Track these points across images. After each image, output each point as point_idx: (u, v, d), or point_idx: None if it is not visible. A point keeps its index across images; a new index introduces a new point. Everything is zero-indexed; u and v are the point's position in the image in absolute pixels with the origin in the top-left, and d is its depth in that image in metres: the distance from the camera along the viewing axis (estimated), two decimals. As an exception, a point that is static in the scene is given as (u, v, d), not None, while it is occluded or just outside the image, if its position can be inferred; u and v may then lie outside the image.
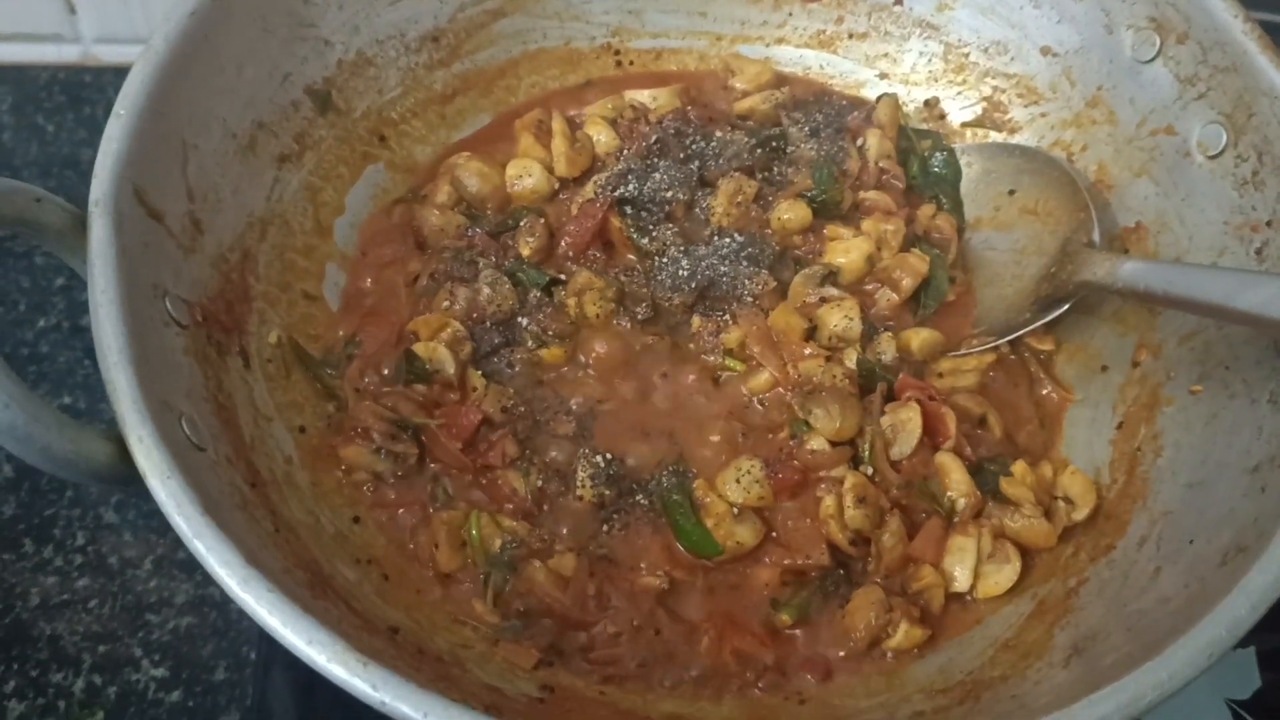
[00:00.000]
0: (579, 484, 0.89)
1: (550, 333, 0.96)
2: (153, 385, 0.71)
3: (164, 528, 1.06)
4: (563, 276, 0.99)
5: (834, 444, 0.89)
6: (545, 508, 0.89)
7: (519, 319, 0.97)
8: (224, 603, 1.04)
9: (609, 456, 0.90)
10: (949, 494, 0.89)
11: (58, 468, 0.68)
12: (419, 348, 0.93)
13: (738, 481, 0.87)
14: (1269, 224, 0.87)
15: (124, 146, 0.78)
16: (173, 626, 1.03)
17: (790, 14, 1.13)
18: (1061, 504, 0.90)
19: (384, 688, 0.61)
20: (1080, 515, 0.89)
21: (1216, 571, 0.72)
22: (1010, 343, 0.99)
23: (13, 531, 1.07)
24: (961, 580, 0.87)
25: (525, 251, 0.99)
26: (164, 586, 1.05)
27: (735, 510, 0.87)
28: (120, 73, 1.34)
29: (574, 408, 0.94)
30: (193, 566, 1.06)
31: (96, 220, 0.74)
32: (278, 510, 0.80)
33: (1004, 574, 0.87)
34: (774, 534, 0.89)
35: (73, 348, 1.17)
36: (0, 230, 0.72)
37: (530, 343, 0.96)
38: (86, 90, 1.36)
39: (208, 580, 1.03)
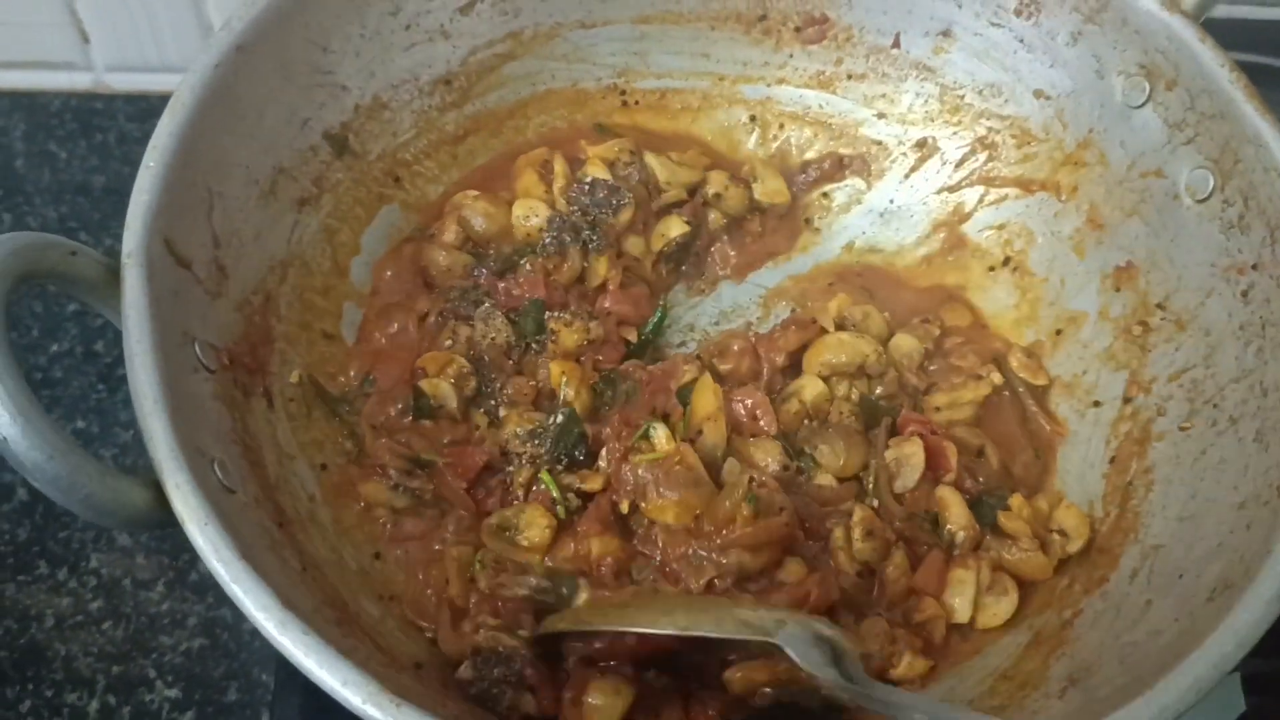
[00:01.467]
0: None
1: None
2: (186, 431, 0.73)
3: (176, 550, 1.10)
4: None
5: (840, 480, 0.92)
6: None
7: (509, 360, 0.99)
8: (236, 625, 1.06)
9: None
10: (948, 527, 0.92)
11: (99, 515, 0.69)
12: (425, 384, 0.95)
13: None
14: (1255, 267, 0.89)
15: (154, 198, 0.80)
16: (185, 648, 1.05)
17: (791, 55, 1.15)
18: (1056, 537, 0.92)
19: (416, 727, 0.64)
20: (1074, 548, 0.92)
21: (1204, 607, 0.74)
22: (1005, 377, 1.02)
23: (28, 554, 1.09)
24: (962, 611, 0.90)
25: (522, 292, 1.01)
26: (176, 608, 1.07)
27: None
28: (131, 100, 1.39)
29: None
30: (204, 589, 1.08)
31: (130, 272, 0.76)
32: (304, 549, 0.82)
33: (1003, 605, 0.90)
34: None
35: (85, 373, 1.19)
36: (37, 282, 0.73)
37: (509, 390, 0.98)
38: (98, 118, 1.38)
39: (220, 602, 1.07)
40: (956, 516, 0.92)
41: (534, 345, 0.99)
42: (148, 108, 1.38)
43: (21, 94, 1.39)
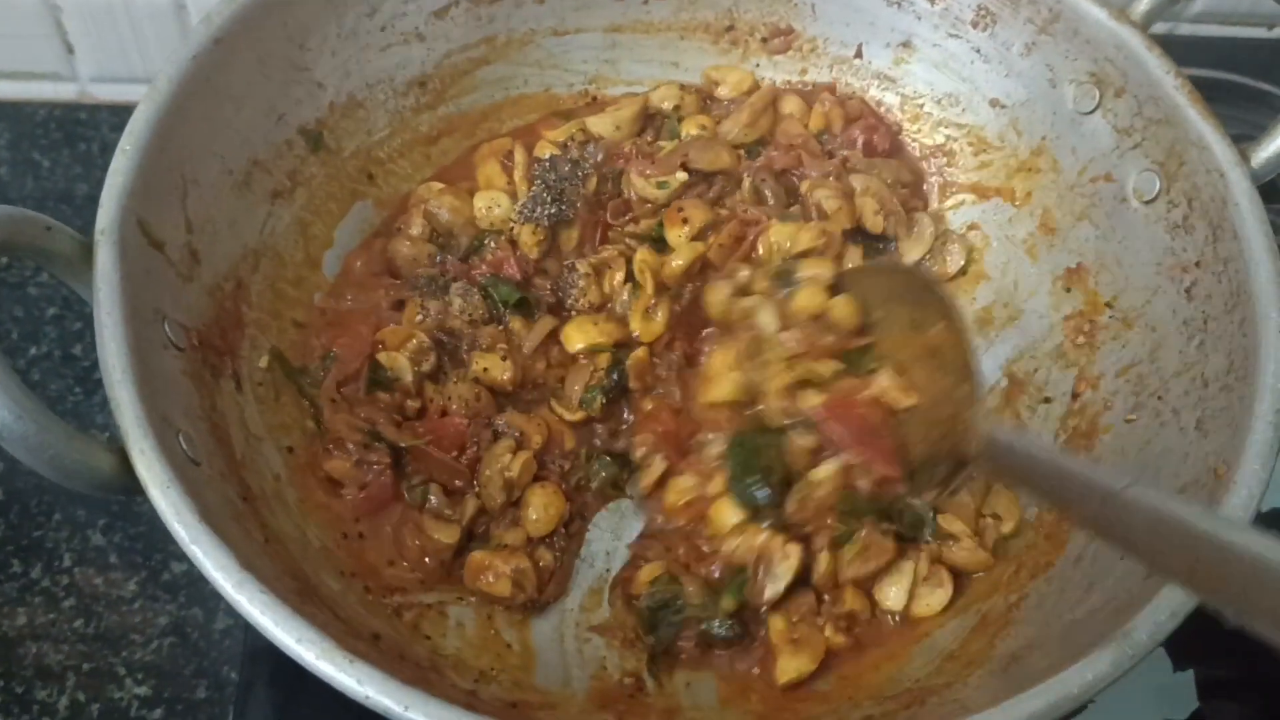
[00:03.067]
0: None
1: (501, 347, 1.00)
2: (153, 402, 0.74)
3: (149, 551, 1.10)
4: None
5: None
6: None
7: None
8: (206, 624, 1.06)
9: None
10: None
11: (64, 477, 0.71)
12: (382, 356, 0.97)
13: None
14: (1198, 265, 0.92)
15: (128, 180, 0.81)
16: (155, 647, 1.06)
17: (758, 65, 1.18)
18: (990, 520, 0.94)
19: (368, 683, 0.65)
20: (1007, 529, 0.94)
21: (1142, 585, 0.76)
22: None
23: (1, 552, 1.09)
24: (896, 600, 0.91)
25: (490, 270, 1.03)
26: (148, 608, 1.07)
27: None
28: (115, 110, 1.41)
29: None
30: (176, 589, 1.08)
31: (102, 248, 0.78)
32: (268, 523, 0.83)
33: (936, 597, 0.92)
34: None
35: (63, 375, 1.20)
36: (14, 256, 0.75)
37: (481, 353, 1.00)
38: (82, 127, 1.40)
39: (190, 602, 1.07)
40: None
41: (509, 312, 1.01)
42: (131, 118, 1.40)
43: (6, 103, 1.40)
